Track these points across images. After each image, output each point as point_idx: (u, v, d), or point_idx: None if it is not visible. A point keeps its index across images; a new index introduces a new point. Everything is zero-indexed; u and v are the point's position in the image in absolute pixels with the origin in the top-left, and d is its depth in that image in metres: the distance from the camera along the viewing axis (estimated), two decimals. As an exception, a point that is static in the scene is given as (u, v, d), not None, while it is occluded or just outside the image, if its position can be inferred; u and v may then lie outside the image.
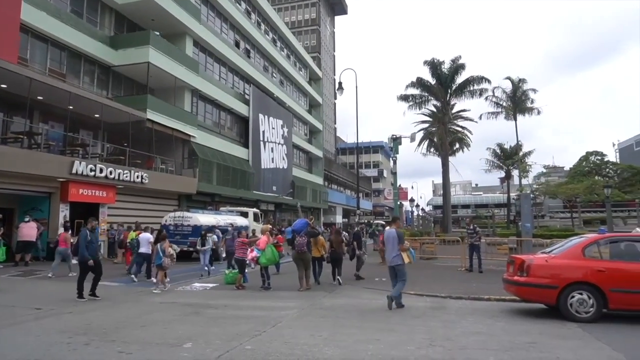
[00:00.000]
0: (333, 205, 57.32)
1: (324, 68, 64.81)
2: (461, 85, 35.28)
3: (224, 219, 21.78)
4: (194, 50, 28.21)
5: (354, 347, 5.78)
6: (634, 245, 7.83)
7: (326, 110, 65.14)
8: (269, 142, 37.37)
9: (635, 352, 5.59)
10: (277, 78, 42.82)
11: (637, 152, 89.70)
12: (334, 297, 10.33)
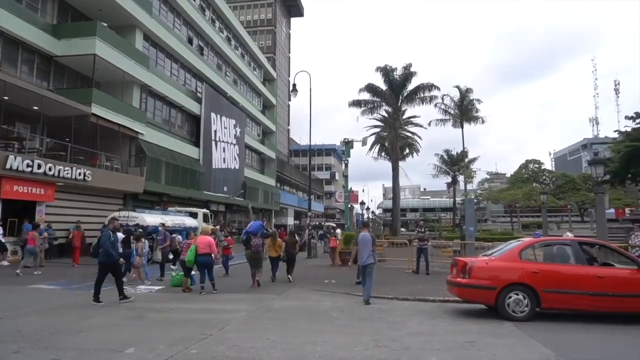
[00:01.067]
0: (285, 206, 57.19)
1: (279, 69, 64.58)
2: (412, 92, 36.34)
3: (173, 219, 21.19)
4: (144, 45, 27.26)
5: (301, 349, 5.80)
6: (565, 248, 8.38)
7: (280, 111, 64.92)
8: (221, 141, 36.75)
9: (563, 347, 5.98)
10: (231, 77, 42.23)
11: (570, 161, 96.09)
12: (283, 299, 10.32)
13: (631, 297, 7.59)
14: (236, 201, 39.05)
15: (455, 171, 48.50)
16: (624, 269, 7.94)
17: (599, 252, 9.32)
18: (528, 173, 62.57)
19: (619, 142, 24.00)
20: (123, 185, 23.26)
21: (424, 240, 15.11)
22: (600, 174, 12.23)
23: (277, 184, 55.48)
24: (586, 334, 6.91)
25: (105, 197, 22.80)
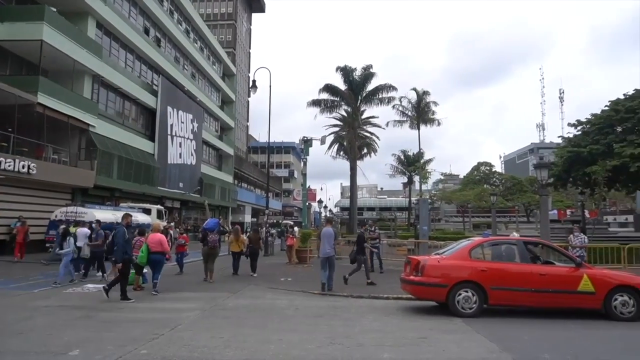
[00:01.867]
0: (242, 204, 56.55)
1: (239, 65, 63.71)
2: (371, 92, 36.85)
3: (124, 215, 20.45)
4: (97, 33, 26.12)
5: (255, 348, 5.77)
6: (511, 247, 8.79)
7: (239, 107, 64.08)
8: (178, 136, 35.83)
9: (507, 341, 6.27)
10: (189, 71, 41.24)
11: (518, 164, 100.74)
12: (238, 297, 10.21)
13: (569, 293, 8.06)
14: (192, 198, 38.22)
15: (411, 171, 49.64)
16: (563, 267, 8.43)
17: (541, 251, 9.83)
18: (480, 175, 65.07)
19: (562, 147, 25.38)
20: (71, 179, 22.20)
21: (376, 239, 15.35)
22: (545, 177, 12.90)
23: (235, 181, 54.77)
24: (528, 328, 7.27)
25: (52, 191, 21.68)
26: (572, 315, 8.12)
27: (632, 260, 15.02)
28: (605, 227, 50.13)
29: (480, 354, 5.68)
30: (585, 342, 6.54)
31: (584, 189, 25.43)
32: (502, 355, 5.61)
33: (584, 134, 23.16)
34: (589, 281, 7.99)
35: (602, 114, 22.53)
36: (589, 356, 5.65)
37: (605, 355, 5.74)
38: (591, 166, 20.92)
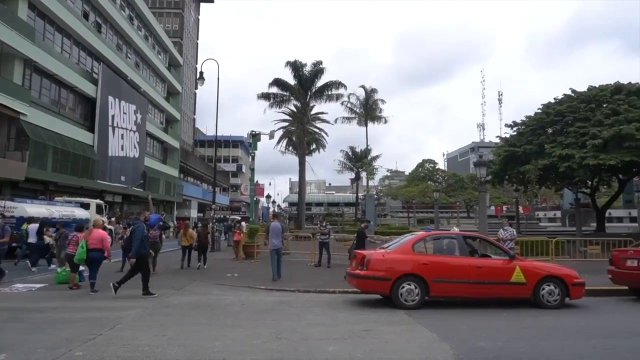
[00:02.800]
0: (188, 198, 55.07)
1: (186, 55, 61.78)
2: (321, 88, 37.06)
3: (60, 210, 19.34)
4: (30, 14, 24.38)
5: (200, 345, 5.67)
6: (451, 241, 9.20)
7: (186, 99, 62.23)
8: (119, 127, 34.24)
9: (447, 331, 6.57)
10: (133, 59, 39.48)
11: (460, 162, 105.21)
12: (182, 294, 9.98)
13: (503, 284, 8.56)
14: (135, 192, 36.73)
15: (358, 168, 50.53)
16: (498, 260, 8.93)
17: (479, 245, 10.35)
18: (424, 172, 67.29)
19: (499, 147, 26.85)
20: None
21: (326, 234, 15.57)
22: (484, 175, 13.61)
23: (181, 175, 53.20)
24: (466, 318, 7.65)
25: (-24, 184, 20.09)
26: (506, 304, 8.62)
27: (559, 253, 16.19)
28: (537, 222, 53.75)
29: (421, 344, 5.90)
30: (516, 329, 6.97)
31: (518, 186, 27.06)
32: (441, 344, 5.86)
33: (519, 134, 24.59)
34: (521, 272, 8.52)
35: (535, 117, 24.02)
36: (519, 342, 6.02)
37: (532, 340, 6.15)
38: (525, 165, 22.26)
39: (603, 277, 10.44)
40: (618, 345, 5.96)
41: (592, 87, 23.29)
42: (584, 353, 5.61)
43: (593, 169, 20.57)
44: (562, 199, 60.19)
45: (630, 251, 10.18)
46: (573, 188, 25.81)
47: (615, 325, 7.39)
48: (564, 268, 9.13)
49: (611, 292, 10.32)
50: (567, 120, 21.78)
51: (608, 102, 21.47)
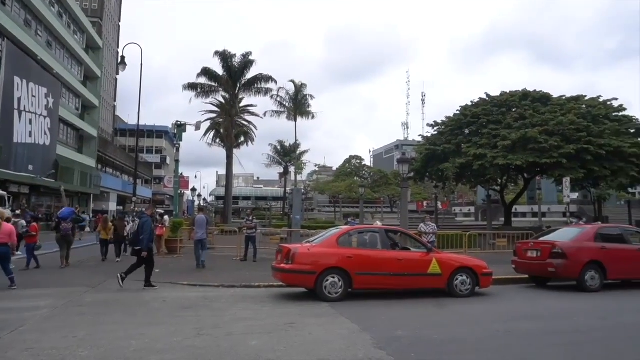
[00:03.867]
0: (106, 190, 51.82)
1: (106, 37, 57.86)
2: (250, 81, 36.55)
3: (-48, 201, 17.34)
4: None
5: (114, 345, 5.39)
6: (374, 235, 9.53)
7: (105, 84, 58.36)
8: (27, 112, 31.27)
9: (368, 322, 6.82)
10: (44, 38, 36.21)
11: (385, 159, 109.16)
12: (98, 291, 9.42)
13: (421, 276, 9.06)
14: (45, 182, 33.81)
15: (287, 162, 50.60)
16: (417, 253, 9.41)
17: (401, 238, 10.84)
18: (351, 168, 68.95)
19: (421, 145, 28.25)
20: None
21: (252, 229, 15.48)
22: (406, 172, 14.28)
23: (99, 166, 49.87)
24: (386, 309, 8.00)
25: None
26: (424, 294, 9.13)
27: (472, 245, 17.44)
28: (454, 216, 57.37)
29: (343, 335, 6.08)
30: (431, 317, 7.43)
31: (438, 183, 28.64)
32: (362, 334, 6.08)
33: (440, 134, 26.02)
34: (437, 264, 9.05)
35: (454, 118, 25.55)
36: (433, 329, 6.42)
37: (445, 327, 6.59)
38: (444, 163, 23.62)
39: (508, 267, 11.42)
40: (517, 328, 6.56)
41: (504, 92, 25.23)
42: (488, 336, 6.11)
43: (502, 168, 22.31)
44: (476, 196, 64.73)
45: (531, 243, 11.22)
46: (485, 185, 27.81)
47: (516, 311, 8.12)
48: (475, 259, 9.85)
49: (515, 280, 11.31)
50: (482, 122, 23.42)
51: (517, 107, 23.38)
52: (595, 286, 9.93)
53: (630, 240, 10.97)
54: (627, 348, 5.64)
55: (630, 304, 8.91)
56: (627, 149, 20.53)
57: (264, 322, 6.83)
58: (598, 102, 23.60)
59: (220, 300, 8.60)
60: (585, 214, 40.95)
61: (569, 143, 20.37)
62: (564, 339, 5.95)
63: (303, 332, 6.19)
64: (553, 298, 9.54)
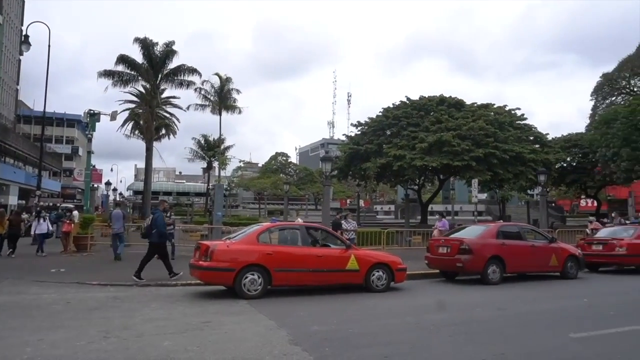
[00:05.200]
0: (5, 183, 46.92)
1: (7, 13, 52.32)
2: (173, 71, 35.01)
3: None
4: None
5: (3, 355, 4.90)
6: (295, 232, 9.61)
7: (6, 65, 52.81)
8: None
9: (285, 318, 6.87)
10: None
11: (311, 157, 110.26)
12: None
13: (340, 272, 9.29)
14: None
15: (210, 157, 49.26)
16: (336, 249, 9.62)
17: (321, 235, 11.00)
18: (277, 164, 68.81)
19: (345, 144, 28.95)
20: None
21: (170, 225, 14.91)
22: (328, 170, 14.56)
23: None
24: (304, 305, 8.10)
25: None
26: (342, 290, 9.36)
27: (390, 242, 18.20)
28: (375, 214, 59.47)
29: (259, 332, 6.06)
30: (348, 312, 7.64)
31: (360, 182, 29.52)
32: (279, 331, 6.10)
33: (363, 134, 26.84)
34: (355, 260, 9.34)
35: (377, 119, 26.48)
36: (348, 323, 6.61)
37: (360, 321, 6.82)
38: (366, 162, 24.40)
39: (422, 262, 12.08)
40: (426, 320, 6.97)
41: (422, 96, 26.59)
42: (399, 328, 6.42)
43: (420, 169, 23.54)
44: (397, 195, 67.63)
45: (442, 240, 11.96)
46: (404, 185, 29.15)
47: (426, 303, 8.63)
48: (391, 255, 10.30)
49: (427, 275, 11.99)
50: (402, 125, 24.51)
51: (434, 111, 24.77)
52: (496, 279, 10.82)
53: (526, 237, 12.12)
54: (519, 334, 6.21)
55: (524, 295, 9.81)
56: (527, 154, 22.61)
57: (178, 321, 6.60)
58: (504, 110, 25.72)
59: (133, 300, 8.18)
60: (492, 214, 44.44)
61: (478, 147, 21.99)
62: (465, 329, 6.42)
63: (219, 331, 6.09)
64: (459, 291, 10.26)
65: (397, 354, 5.15)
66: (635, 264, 13.16)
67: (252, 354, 5.05)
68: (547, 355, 5.20)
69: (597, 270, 13.69)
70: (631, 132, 24.29)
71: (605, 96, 39.72)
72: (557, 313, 7.88)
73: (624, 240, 13.32)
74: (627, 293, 10.16)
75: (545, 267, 11.84)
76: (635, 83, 38.18)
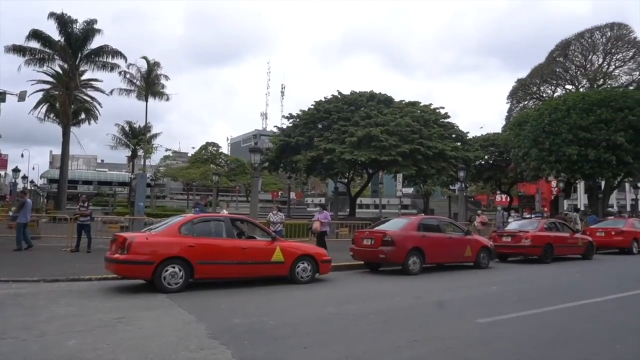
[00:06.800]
0: None
1: None
2: (94, 52, 32.68)
3: None
4: None
5: None
6: (219, 224, 9.39)
7: None
8: None
9: (205, 312, 6.72)
10: None
11: (243, 148, 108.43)
12: None
13: (265, 264, 9.25)
14: None
15: (135, 145, 46.80)
16: (262, 241, 9.56)
17: (248, 227, 10.88)
18: (207, 155, 66.82)
19: (277, 136, 28.81)
20: None
21: (87, 216, 13.99)
22: (257, 161, 14.41)
23: None
24: (227, 298, 7.97)
25: None
26: (267, 282, 9.33)
27: (318, 234, 18.40)
28: (306, 207, 59.99)
29: (177, 326, 5.87)
30: (270, 304, 7.63)
31: (291, 174, 29.55)
32: (198, 325, 5.95)
33: (294, 126, 26.85)
34: (281, 252, 9.34)
35: (309, 112, 26.60)
36: (270, 315, 6.60)
37: (282, 313, 6.85)
38: (297, 155, 24.46)
39: (348, 254, 12.35)
40: (346, 310, 7.14)
41: (353, 92, 27.10)
42: (320, 319, 6.53)
43: (349, 163, 24.02)
44: (327, 187, 68.60)
45: (367, 232, 12.32)
46: (334, 178, 29.61)
47: (348, 294, 8.84)
48: (316, 247, 10.45)
49: (352, 267, 12.29)
50: (333, 118, 24.84)
51: (364, 107, 25.35)
52: (416, 270, 11.35)
53: (445, 230, 12.84)
54: (432, 321, 6.56)
55: (441, 284, 10.39)
56: (449, 151, 23.90)
57: (89, 318, 6.22)
58: (430, 108, 26.94)
59: (38, 297, 7.57)
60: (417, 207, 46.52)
61: (405, 143, 22.86)
62: (383, 318, 6.67)
63: (133, 327, 5.81)
64: (381, 282, 10.63)
65: (315, 344, 5.23)
66: (537, 254, 14.42)
67: (167, 350, 4.88)
68: (454, 340, 5.54)
69: (506, 260, 14.85)
70: (539, 134, 26.48)
71: (519, 100, 42.97)
72: (468, 300, 8.44)
73: (529, 232, 14.57)
74: (529, 281, 11.10)
75: (461, 257, 12.60)
76: (544, 89, 41.65)
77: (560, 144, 25.52)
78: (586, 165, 25.23)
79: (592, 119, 25.03)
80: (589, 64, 39.06)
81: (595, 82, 38.18)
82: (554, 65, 40.08)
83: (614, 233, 18.00)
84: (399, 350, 5.09)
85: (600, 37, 38.21)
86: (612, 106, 25.25)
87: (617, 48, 37.88)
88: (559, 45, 40.31)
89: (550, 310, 7.25)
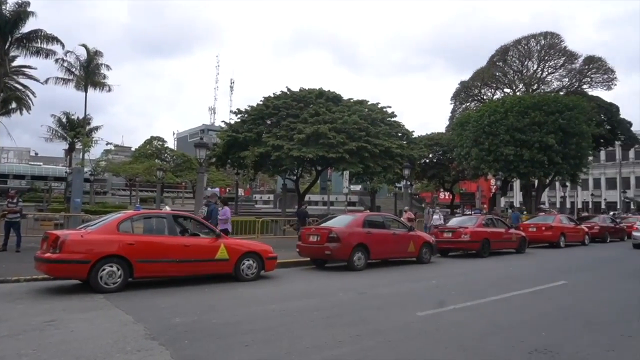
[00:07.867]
0: None
1: None
2: (26, 36, 30.49)
3: None
4: None
5: None
6: (161, 221, 9.09)
7: None
8: None
9: (144, 312, 6.48)
10: None
11: (190, 143, 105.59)
12: None
13: (208, 262, 9.07)
14: None
15: (73, 137, 44.24)
16: (205, 238, 9.36)
17: (191, 224, 10.61)
18: (152, 149, 64.35)
19: (224, 131, 28.24)
20: None
21: (16, 213, 13.09)
22: (203, 156, 14.06)
23: None
24: (167, 297, 7.73)
25: None
26: (210, 280, 9.15)
27: (265, 231, 18.34)
28: (254, 203, 59.33)
29: (112, 328, 5.63)
30: (213, 302, 7.48)
31: (239, 170, 29.12)
32: (135, 326, 5.73)
33: (242, 122, 26.43)
34: (225, 250, 9.19)
35: (257, 107, 26.29)
36: (212, 314, 6.49)
37: (225, 311, 6.75)
38: (244, 151, 24.13)
39: (294, 251, 12.37)
40: (291, 307, 7.15)
41: (303, 88, 27.06)
42: (264, 316, 6.49)
43: (297, 160, 23.99)
44: (276, 184, 68.24)
45: (313, 229, 12.39)
46: (282, 175, 29.49)
47: (293, 291, 8.87)
48: (262, 244, 10.35)
49: (298, 263, 12.33)
50: (282, 115, 24.69)
51: (313, 104, 25.39)
52: (361, 265, 11.56)
53: (390, 226, 13.16)
54: (374, 316, 6.70)
55: (385, 279, 10.64)
56: (395, 149, 24.47)
57: (15, 322, 5.83)
58: (377, 107, 27.42)
59: (-44, 301, 7.00)
60: (364, 204, 47.38)
61: (352, 140, 23.14)
62: (327, 313, 6.74)
63: (64, 330, 5.51)
64: (326, 278, 10.73)
65: (257, 342, 5.19)
66: (475, 249, 15.14)
67: (100, 353, 4.67)
68: (395, 333, 5.69)
69: (447, 255, 15.47)
70: (479, 135, 27.75)
71: (462, 101, 44.73)
72: (410, 294, 8.72)
73: (468, 228, 15.26)
74: (466, 274, 11.63)
75: (404, 253, 12.98)
76: (485, 92, 43.63)
77: (498, 144, 26.89)
78: (521, 164, 26.74)
79: (527, 121, 26.57)
80: (525, 69, 41.31)
81: (530, 86, 40.49)
82: (494, 69, 42.07)
83: (544, 228, 19.26)
84: (341, 345, 5.16)
85: (535, 45, 40.50)
86: (544, 110, 26.93)
87: (550, 56, 40.30)
88: (499, 50, 42.33)
89: (484, 302, 7.64)
